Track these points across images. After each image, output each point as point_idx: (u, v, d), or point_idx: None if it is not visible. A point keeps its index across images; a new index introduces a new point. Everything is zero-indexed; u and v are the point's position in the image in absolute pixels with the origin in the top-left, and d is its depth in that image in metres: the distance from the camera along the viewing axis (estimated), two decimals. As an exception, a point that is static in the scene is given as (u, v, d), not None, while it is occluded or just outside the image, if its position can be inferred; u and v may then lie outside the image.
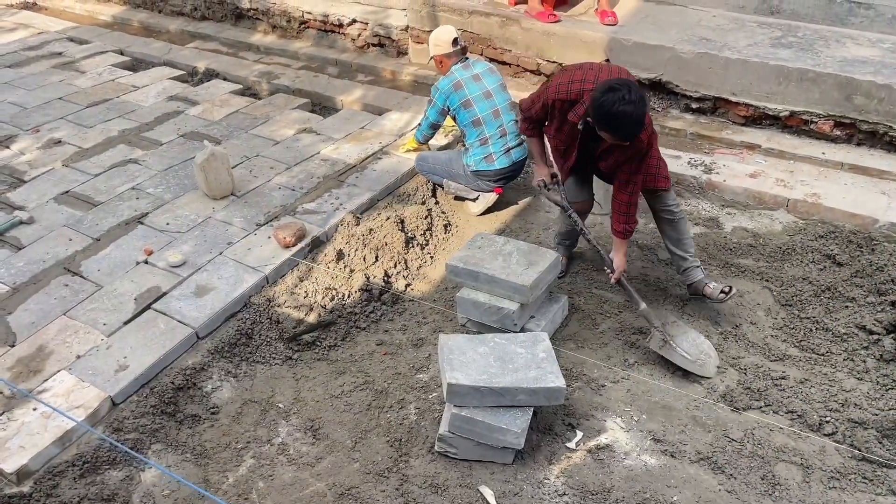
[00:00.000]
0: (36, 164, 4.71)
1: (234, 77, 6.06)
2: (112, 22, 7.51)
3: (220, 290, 3.55)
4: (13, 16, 7.45)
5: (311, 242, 3.89)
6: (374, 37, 6.27)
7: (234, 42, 6.82)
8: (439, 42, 4.14)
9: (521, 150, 4.22)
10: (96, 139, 5.00)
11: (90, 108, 5.46)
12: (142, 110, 5.44)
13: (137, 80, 5.98)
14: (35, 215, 4.16)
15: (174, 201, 4.28)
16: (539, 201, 4.51)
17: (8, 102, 5.56)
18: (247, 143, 4.93)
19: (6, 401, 3.02)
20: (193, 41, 6.93)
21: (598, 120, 2.88)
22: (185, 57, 6.46)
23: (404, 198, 4.39)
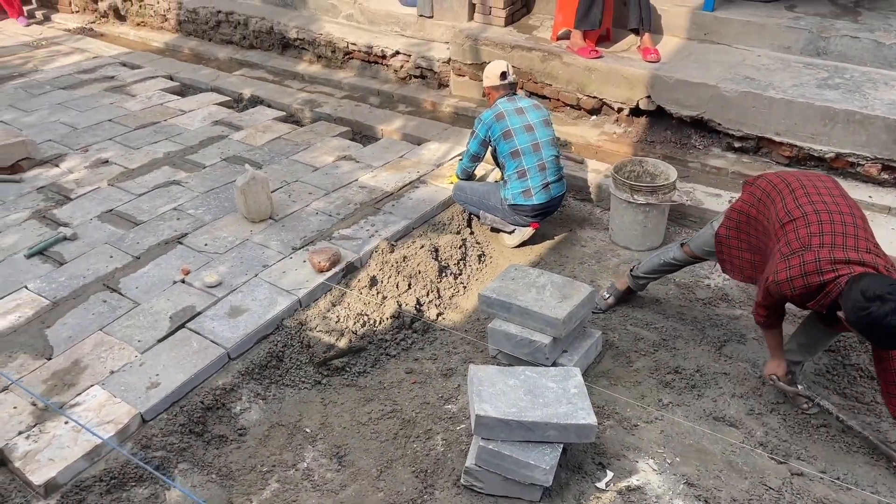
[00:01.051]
0: (83, 182, 4.85)
1: (278, 104, 6.18)
2: (164, 48, 7.75)
3: (254, 312, 3.57)
4: (77, 41, 7.74)
5: (345, 268, 3.91)
6: (417, 69, 6.35)
7: (279, 70, 6.97)
8: (489, 75, 4.22)
9: (560, 186, 4.20)
10: (142, 160, 5.13)
11: (138, 131, 5.61)
12: (187, 134, 5.57)
13: (185, 104, 6.13)
14: (79, 232, 4.26)
15: (214, 223, 4.34)
16: (575, 235, 4.47)
17: (60, 122, 5.75)
18: (287, 168, 5.00)
19: (39, 413, 3.06)
20: (241, 69, 7.10)
21: (857, 326, 2.48)
22: (232, 84, 6.62)
23: (439, 227, 4.39)
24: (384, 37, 6.61)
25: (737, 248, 3.13)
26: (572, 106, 5.60)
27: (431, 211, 4.47)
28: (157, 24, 8.01)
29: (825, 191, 2.83)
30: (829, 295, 2.59)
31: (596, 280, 4.04)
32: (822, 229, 2.67)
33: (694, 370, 3.39)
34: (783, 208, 2.84)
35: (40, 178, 4.89)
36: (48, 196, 4.70)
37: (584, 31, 5.44)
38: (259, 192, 4.26)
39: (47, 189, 4.77)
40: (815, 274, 2.59)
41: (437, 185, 4.73)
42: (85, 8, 8.47)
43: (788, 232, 2.76)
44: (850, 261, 2.59)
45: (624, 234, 4.31)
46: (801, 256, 2.65)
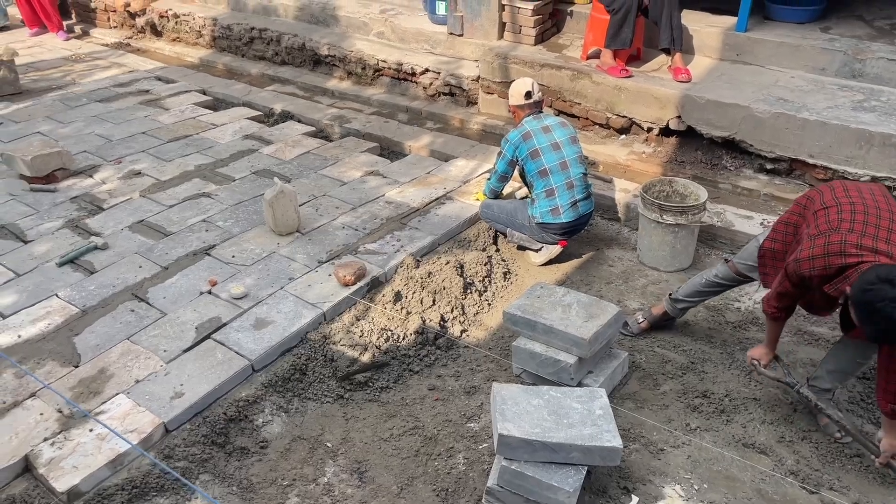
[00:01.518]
0: (115, 193, 4.93)
1: (308, 119, 6.24)
2: (198, 64, 7.89)
3: (279, 325, 3.58)
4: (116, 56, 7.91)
5: (370, 282, 3.91)
6: (446, 86, 6.38)
7: (310, 86, 7.05)
8: (514, 93, 4.21)
9: (588, 204, 4.17)
10: (173, 172, 5.21)
11: (170, 143, 5.70)
12: (218, 147, 5.64)
13: (217, 118, 6.22)
14: (110, 242, 4.33)
15: (241, 235, 4.38)
16: (603, 254, 4.43)
17: (95, 134, 5.87)
18: (315, 182, 5.04)
19: (65, 420, 3.09)
20: (272, 84, 7.20)
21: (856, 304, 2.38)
22: (264, 98, 6.71)
23: (465, 243, 4.38)
24: (414, 54, 6.66)
25: (782, 260, 2.99)
26: (601, 125, 5.57)
27: (457, 227, 4.47)
28: (192, 40, 8.17)
29: (867, 190, 2.73)
30: (847, 280, 2.47)
31: (623, 300, 3.99)
32: (854, 217, 2.58)
33: (723, 395, 3.32)
34: (820, 202, 2.76)
35: (74, 189, 4.99)
36: (81, 206, 4.78)
37: (615, 50, 5.43)
38: (287, 205, 4.29)
39: (80, 199, 4.86)
40: (837, 255, 2.49)
41: (464, 201, 4.72)
42: (123, 23, 8.67)
43: (819, 217, 2.67)
44: (878, 251, 2.47)
45: (652, 254, 4.25)
46: (826, 237, 2.56)
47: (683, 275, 4.21)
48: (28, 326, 3.61)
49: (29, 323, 3.63)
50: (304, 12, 7.49)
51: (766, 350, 3.08)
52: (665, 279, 4.18)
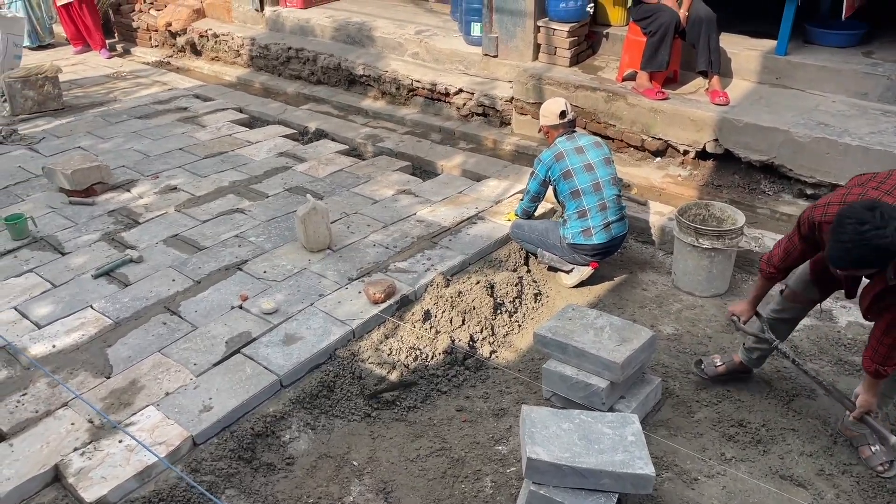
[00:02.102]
0: (151, 207, 5.02)
1: (342, 138, 6.31)
2: (235, 82, 8.05)
3: (308, 341, 3.59)
4: (158, 74, 8.12)
5: (399, 300, 3.91)
6: (479, 106, 6.41)
7: (344, 105, 7.14)
8: (547, 113, 4.20)
9: (621, 226, 4.14)
10: (208, 188, 5.29)
11: (206, 160, 5.81)
12: (253, 164, 5.73)
13: (252, 135, 6.33)
14: (144, 255, 4.40)
15: (273, 251, 4.42)
16: (636, 278, 4.38)
17: (134, 150, 6.00)
18: (347, 200, 5.08)
19: (95, 430, 3.12)
20: (307, 103, 7.30)
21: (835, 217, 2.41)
22: (298, 117, 6.81)
23: (496, 263, 4.37)
24: (448, 75, 6.71)
25: None
26: (636, 147, 5.54)
27: (488, 247, 4.46)
28: (230, 59, 8.34)
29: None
30: None
31: (657, 325, 3.94)
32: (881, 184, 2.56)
33: (760, 424, 3.23)
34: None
35: (112, 202, 5.10)
36: (118, 219, 4.88)
37: (651, 72, 5.41)
38: (319, 222, 4.33)
39: (118, 213, 4.96)
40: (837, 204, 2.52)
41: (496, 221, 4.72)
42: (164, 42, 8.90)
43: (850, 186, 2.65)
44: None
45: (687, 278, 4.19)
46: (848, 189, 2.58)
47: (719, 300, 4.14)
48: (62, 337, 3.68)
49: (63, 333, 3.70)
50: (341, 33, 7.61)
51: (748, 306, 3.15)
52: (700, 304, 4.11)
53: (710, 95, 5.29)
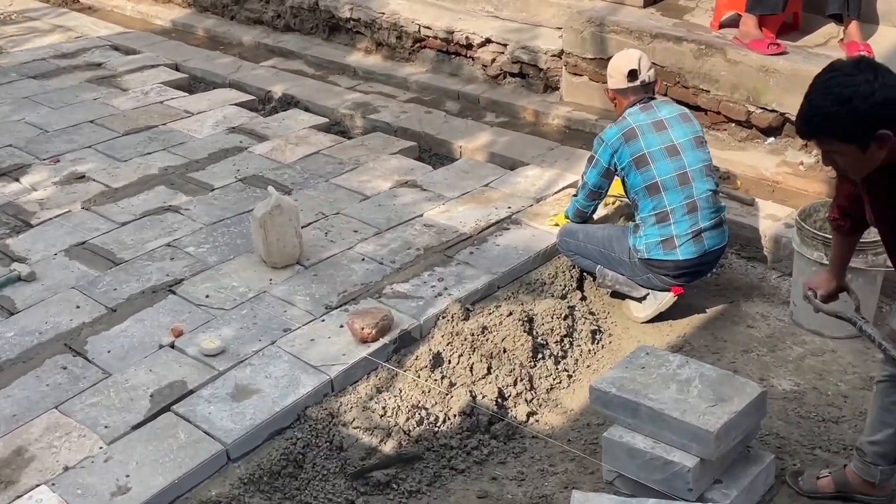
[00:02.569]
0: (49, 203, 5.06)
1: (319, 107, 6.33)
2: (170, 28, 8.13)
3: (267, 395, 3.59)
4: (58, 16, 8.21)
5: (398, 338, 3.91)
6: (514, 63, 6.42)
7: (323, 62, 7.17)
8: (614, 72, 4.21)
9: (718, 235, 4.12)
10: (130, 177, 5.33)
11: (127, 137, 5.85)
12: (193, 143, 5.76)
13: (193, 103, 6.37)
14: (38, 271, 4.42)
15: (220, 266, 4.44)
16: (739, 309, 4.35)
17: (25, 122, 6.06)
18: (326, 195, 5.09)
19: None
20: (271, 58, 7.35)
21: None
22: (258, 78, 6.84)
23: (536, 287, 4.36)
24: (470, 18, 6.73)
25: None
26: (739, 122, 5.52)
27: (526, 264, 4.45)
28: (163, -4, 8.45)
29: None
30: None
31: (768, 377, 3.91)
32: None
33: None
34: None
35: (-7, 196, 5.16)
36: (1, 221, 4.92)
37: (761, 16, 5.40)
38: (285, 225, 4.34)
39: (1, 211, 5.00)
40: None
41: (536, 227, 4.71)
42: (70, -28, 9.00)
43: None
44: None
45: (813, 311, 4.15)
46: None
47: (858, 343, 4.09)
48: (-80, 385, 3.70)
49: (-79, 381, 3.72)
50: (319, -41, 7.67)
51: (827, 277, 3.23)
52: (831, 348, 4.07)
53: (847, 48, 5.27)
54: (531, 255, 4.49)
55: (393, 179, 5.26)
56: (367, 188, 5.17)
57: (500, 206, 4.93)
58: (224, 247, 4.61)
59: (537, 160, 5.43)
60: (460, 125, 5.99)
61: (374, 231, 4.73)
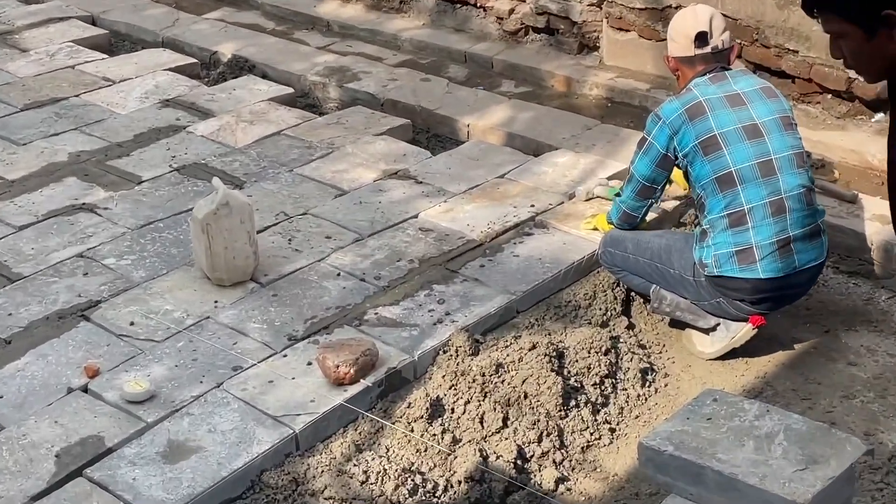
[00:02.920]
0: (-76, 200, 5.07)
1: (282, 74, 6.33)
2: (85, -31, 8.15)
3: (211, 455, 3.57)
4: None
5: (384, 380, 3.90)
6: (539, 15, 6.42)
7: (287, 13, 7.18)
8: (676, 33, 4.21)
9: (815, 249, 4.11)
10: (31, 165, 5.33)
11: (28, 113, 5.85)
12: (115, 121, 5.76)
13: (115, 69, 6.37)
14: None
15: (149, 284, 4.43)
16: (837, 341, 4.34)
17: None
18: (290, 189, 5.09)
19: None
20: (217, 8, 7.36)
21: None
22: (201, 35, 6.85)
23: (569, 312, 4.36)
24: (482, -44, 6.74)
25: None
26: (837, 93, 5.53)
27: (554, 281, 4.46)
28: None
29: None
30: None
31: (876, 431, 3.91)
32: None
33: None
34: None
35: None
36: None
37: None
38: (235, 230, 4.33)
39: None
40: None
41: (569, 231, 4.71)
42: None
43: None
44: None
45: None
46: None
47: None
48: None
49: None
50: None
51: None
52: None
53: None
54: (561, 269, 4.48)
55: (379, 169, 5.26)
56: (344, 180, 5.17)
57: (521, 204, 4.92)
58: (154, 258, 4.60)
59: (570, 143, 5.42)
60: (468, 97, 5.98)
61: (354, 237, 4.73)
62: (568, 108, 5.92)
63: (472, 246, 4.65)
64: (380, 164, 5.30)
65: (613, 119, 5.74)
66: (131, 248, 4.68)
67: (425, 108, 5.88)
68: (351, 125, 5.70)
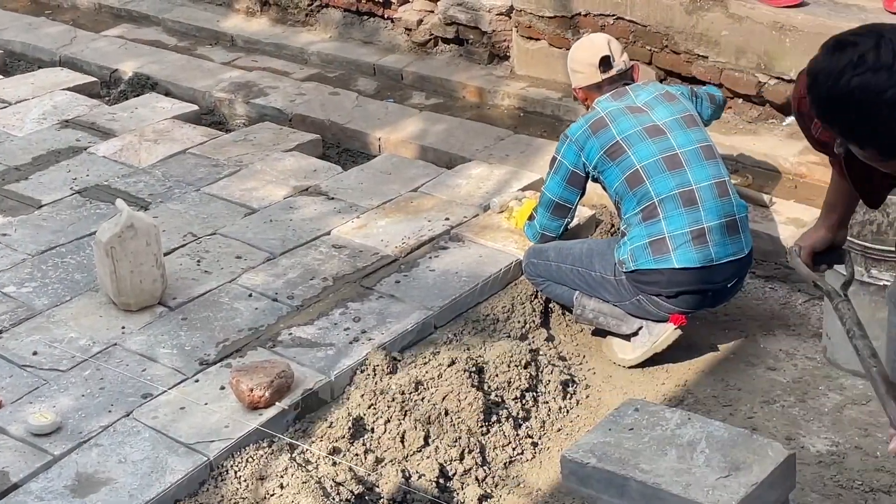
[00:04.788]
0: None
1: (186, 91, 6.29)
2: (-23, -12, 8.03)
3: (121, 486, 3.53)
4: None
5: (301, 402, 3.89)
6: (448, 25, 6.44)
7: (189, 28, 7.13)
8: (578, 66, 4.34)
9: (734, 242, 4.18)
10: (-77, 191, 5.25)
11: (-80, 137, 5.76)
12: (11, 144, 5.69)
13: (10, 89, 6.29)
14: None
15: (52, 312, 4.38)
16: (755, 345, 4.41)
17: None
18: (197, 209, 5.06)
19: None
20: (117, 25, 7.30)
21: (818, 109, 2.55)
22: (100, 53, 6.77)
23: (488, 325, 4.38)
24: (388, -34, 6.76)
25: None
26: (748, 98, 5.61)
27: (471, 295, 4.47)
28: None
29: None
30: None
31: (797, 435, 3.96)
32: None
33: None
34: None
35: None
36: None
37: (772, -44, 5.50)
38: (141, 252, 4.29)
39: None
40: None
41: (485, 243, 4.73)
42: None
43: None
44: None
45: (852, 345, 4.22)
46: None
47: (915, 386, 4.17)
48: None
49: None
50: None
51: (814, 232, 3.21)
52: (879, 394, 4.14)
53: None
54: (478, 282, 4.50)
55: (289, 185, 5.25)
56: (253, 198, 5.15)
57: (435, 217, 4.94)
58: (57, 284, 4.55)
59: (483, 154, 5.45)
60: (378, 110, 5.98)
61: (265, 256, 4.71)
62: (480, 118, 5.95)
63: (386, 262, 4.66)
64: (290, 180, 5.29)
65: (526, 129, 5.77)
66: (32, 274, 4.62)
67: (335, 122, 5.88)
68: (259, 142, 5.68)
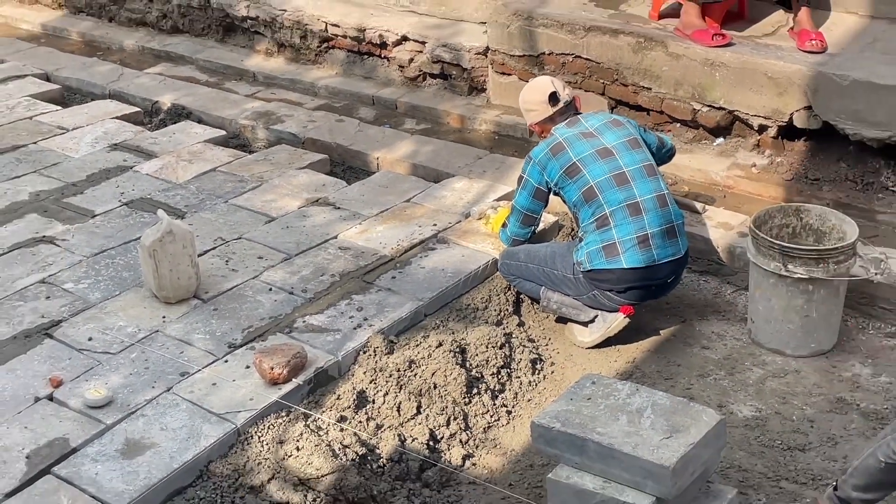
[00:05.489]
0: None
1: (215, 118, 6.28)
2: (39, 33, 8.00)
3: (163, 450, 3.54)
4: None
5: (313, 378, 3.89)
6: (435, 63, 6.45)
7: (218, 67, 7.12)
8: (529, 105, 4.41)
9: (671, 245, 4.19)
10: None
11: (-8, 158, 5.73)
12: (69, 164, 5.67)
13: (68, 118, 6.26)
14: None
15: (104, 304, 4.37)
16: (692, 329, 4.42)
17: None
18: (225, 218, 5.06)
19: None
20: (158, 64, 7.27)
21: None
22: (143, 87, 6.75)
23: (469, 313, 4.38)
24: (384, 15, 6.75)
25: None
26: (685, 122, 5.62)
27: (455, 288, 4.48)
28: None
29: None
30: None
31: (727, 403, 3.97)
32: None
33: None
34: None
35: None
36: None
37: (703, 4, 5.50)
38: (179, 254, 4.29)
39: None
40: None
41: (467, 245, 4.74)
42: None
43: None
44: None
45: (772, 328, 4.23)
46: None
47: (824, 361, 4.18)
48: None
49: None
50: (210, -50, 7.62)
51: None
52: (794, 368, 4.15)
53: (798, 38, 5.40)
54: (461, 277, 4.51)
55: (302, 197, 5.24)
56: (272, 208, 5.14)
57: (425, 223, 4.94)
58: (108, 281, 4.54)
59: (464, 171, 5.47)
60: (376, 134, 6.00)
61: (283, 257, 4.70)
62: (462, 141, 5.97)
63: (384, 261, 4.67)
64: (303, 193, 5.29)
65: (500, 149, 5.80)
66: (87, 273, 4.61)
67: (340, 144, 5.88)
68: (276, 161, 5.68)
